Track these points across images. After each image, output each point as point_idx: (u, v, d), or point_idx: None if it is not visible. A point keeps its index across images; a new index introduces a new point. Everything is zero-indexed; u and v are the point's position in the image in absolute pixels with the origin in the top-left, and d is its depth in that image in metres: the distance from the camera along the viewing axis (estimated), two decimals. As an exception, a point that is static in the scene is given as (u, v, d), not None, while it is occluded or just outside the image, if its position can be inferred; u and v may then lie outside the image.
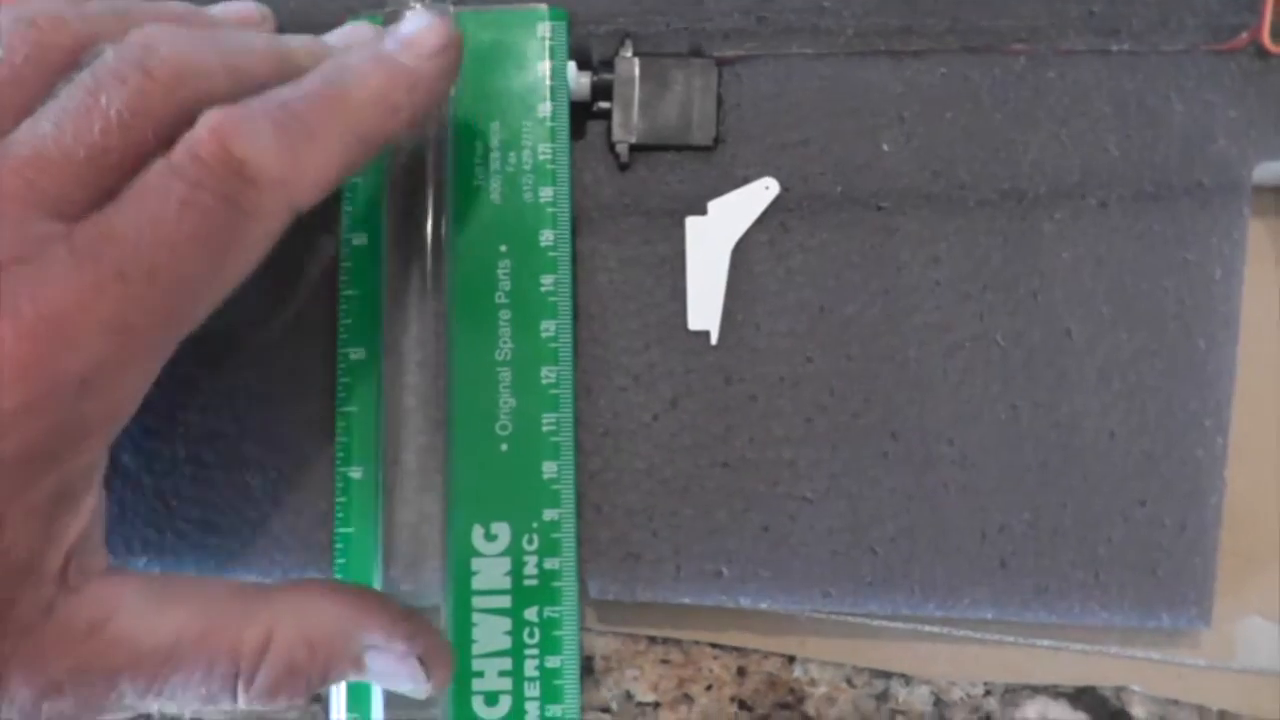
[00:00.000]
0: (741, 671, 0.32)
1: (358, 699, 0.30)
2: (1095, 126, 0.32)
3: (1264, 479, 0.32)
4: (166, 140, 0.24)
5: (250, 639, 0.25)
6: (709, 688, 0.32)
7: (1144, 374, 0.31)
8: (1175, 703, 0.31)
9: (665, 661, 0.32)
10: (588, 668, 0.32)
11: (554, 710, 0.30)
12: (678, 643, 0.32)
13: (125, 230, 0.23)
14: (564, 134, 0.31)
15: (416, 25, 0.26)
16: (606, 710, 0.32)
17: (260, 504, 0.31)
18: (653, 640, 0.32)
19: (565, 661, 0.30)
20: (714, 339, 0.31)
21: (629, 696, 0.32)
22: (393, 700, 0.29)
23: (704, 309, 0.32)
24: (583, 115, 0.32)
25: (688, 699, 0.32)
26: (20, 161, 0.23)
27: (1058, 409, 0.31)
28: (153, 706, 0.25)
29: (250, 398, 0.32)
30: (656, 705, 0.31)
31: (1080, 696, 0.31)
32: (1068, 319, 0.32)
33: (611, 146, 0.32)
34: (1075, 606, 0.31)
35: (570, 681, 0.30)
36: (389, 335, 0.30)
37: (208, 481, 0.31)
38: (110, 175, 0.23)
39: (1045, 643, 0.31)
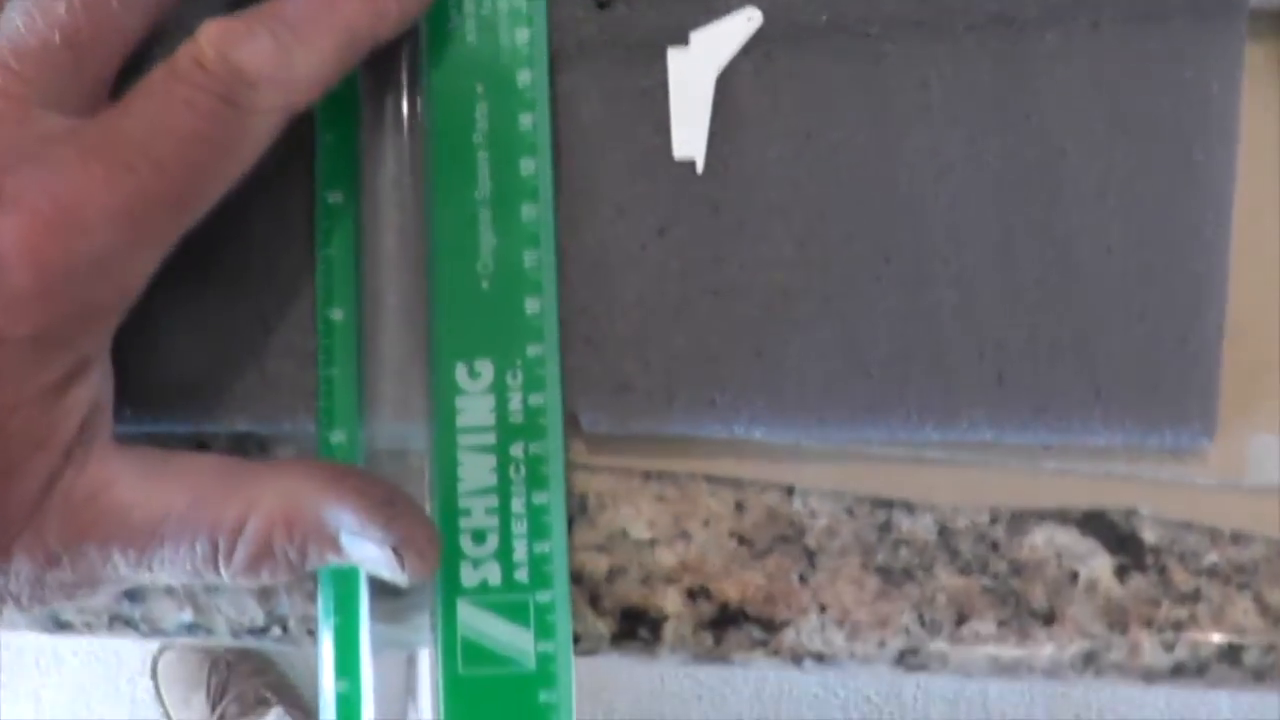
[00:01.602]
0: (739, 505, 0.31)
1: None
2: (1085, -50, 0.32)
3: (1268, 295, 0.31)
4: (134, 10, 0.26)
5: (229, 516, 0.26)
6: (706, 523, 0.31)
7: (1141, 189, 0.31)
8: (1187, 525, 0.30)
9: (661, 498, 0.31)
10: (581, 506, 0.31)
11: (541, 547, 0.30)
12: (674, 478, 0.31)
13: (132, 128, 0.24)
14: None
15: None
16: (602, 549, 0.31)
17: (247, 350, 0.31)
18: (648, 476, 0.31)
19: (552, 498, 0.30)
20: (699, 168, 0.31)
21: (625, 534, 0.31)
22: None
23: (689, 138, 0.31)
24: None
25: (685, 535, 0.31)
26: (1, 55, 0.24)
27: (1053, 227, 0.31)
28: (145, 578, 0.26)
29: (232, 244, 0.31)
30: (653, 542, 0.31)
31: (1089, 522, 0.31)
32: (1062, 138, 0.31)
33: (591, -18, 0.32)
34: (1075, 424, 0.30)
35: (557, 518, 0.30)
36: (366, 178, 0.30)
37: (194, 332, 0.31)
38: (89, 57, 0.25)
39: (1051, 464, 0.30)
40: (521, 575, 0.30)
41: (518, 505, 0.30)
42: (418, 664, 0.30)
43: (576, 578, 0.31)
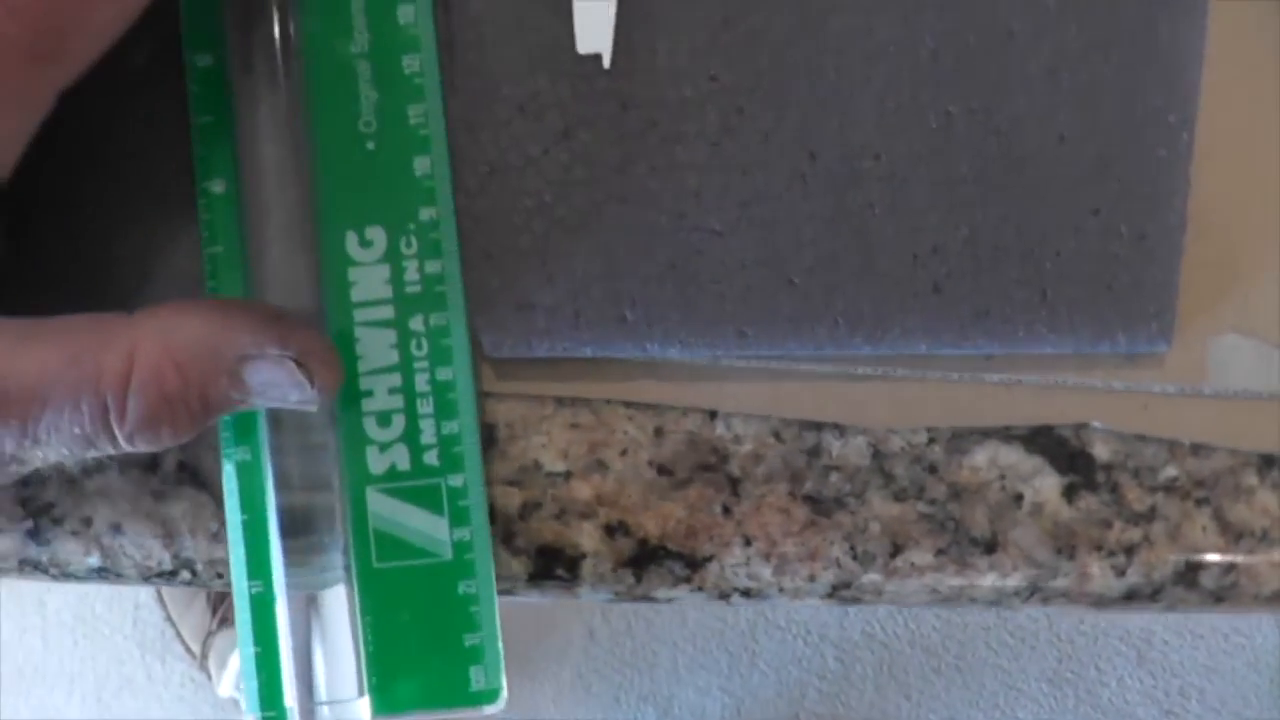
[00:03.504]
0: (659, 432, 0.29)
1: (244, 430, 0.28)
2: None
3: (1234, 180, 0.28)
4: None
5: (111, 365, 0.23)
6: (624, 452, 0.29)
7: (1097, 69, 0.28)
8: (1142, 439, 0.28)
9: (575, 425, 0.29)
10: (490, 437, 0.29)
11: (450, 427, 0.28)
12: (587, 403, 0.29)
13: None
14: None
15: None
16: (514, 483, 0.29)
17: (133, 276, 0.29)
18: (560, 402, 0.29)
19: (458, 373, 0.28)
20: (606, 62, 0.28)
21: (537, 466, 0.29)
22: (280, 445, 0.27)
23: (593, 29, 0.28)
24: None
25: (601, 466, 0.29)
26: None
27: (997, 113, 0.28)
28: (37, 455, 0.24)
29: (100, 150, 0.29)
30: (568, 475, 0.29)
31: (1035, 439, 0.28)
32: (1009, 18, 0.28)
33: None
34: (1020, 331, 0.27)
35: (464, 394, 0.28)
36: (234, 37, 0.27)
37: (74, 245, 0.29)
38: None
39: (994, 378, 0.28)
40: (431, 459, 0.28)
41: (422, 383, 0.28)
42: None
43: (489, 515, 0.29)
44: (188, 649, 1.22)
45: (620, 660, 1.17)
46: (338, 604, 0.28)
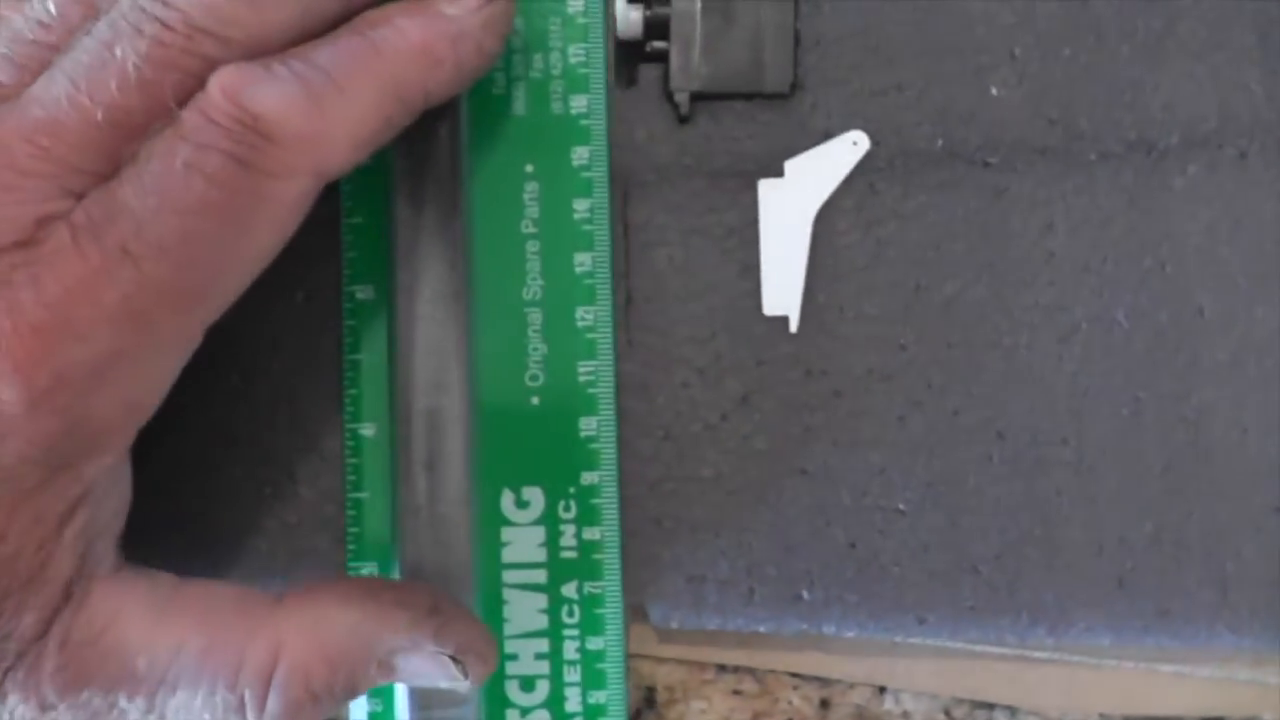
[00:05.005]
0: (825, 704, 0.28)
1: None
2: (1235, 61, 0.27)
3: None
4: (185, 101, 0.21)
5: (254, 658, 0.22)
6: (786, 720, 0.28)
7: (1282, 358, 0.27)
8: (1308, 728, 0.28)
9: (737, 692, 0.28)
10: (648, 700, 0.28)
11: (597, 697, 0.27)
12: (751, 671, 0.28)
13: (128, 202, 0.20)
14: (598, 32, 0.27)
15: None
16: (669, 745, 0.28)
17: (270, 517, 0.27)
18: (722, 668, 0.28)
19: (609, 643, 0.27)
20: (793, 325, 0.27)
21: (695, 730, 0.28)
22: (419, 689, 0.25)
23: (781, 290, 0.27)
24: (634, 57, 0.27)
25: (762, 732, 0.28)
26: (33, 125, 0.20)
27: (1186, 401, 0.27)
28: None
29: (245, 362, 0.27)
30: (726, 739, 0.28)
31: (1204, 725, 0.28)
32: (1200, 294, 0.27)
33: (669, 95, 0.27)
34: (1201, 631, 0.27)
35: (614, 665, 0.27)
36: (400, 270, 0.25)
37: (203, 482, 0.27)
38: (128, 141, 0.21)
39: (1168, 668, 0.28)
40: None
41: (570, 651, 0.27)
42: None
43: (640, 774, 0.28)
44: None
45: None
46: None
